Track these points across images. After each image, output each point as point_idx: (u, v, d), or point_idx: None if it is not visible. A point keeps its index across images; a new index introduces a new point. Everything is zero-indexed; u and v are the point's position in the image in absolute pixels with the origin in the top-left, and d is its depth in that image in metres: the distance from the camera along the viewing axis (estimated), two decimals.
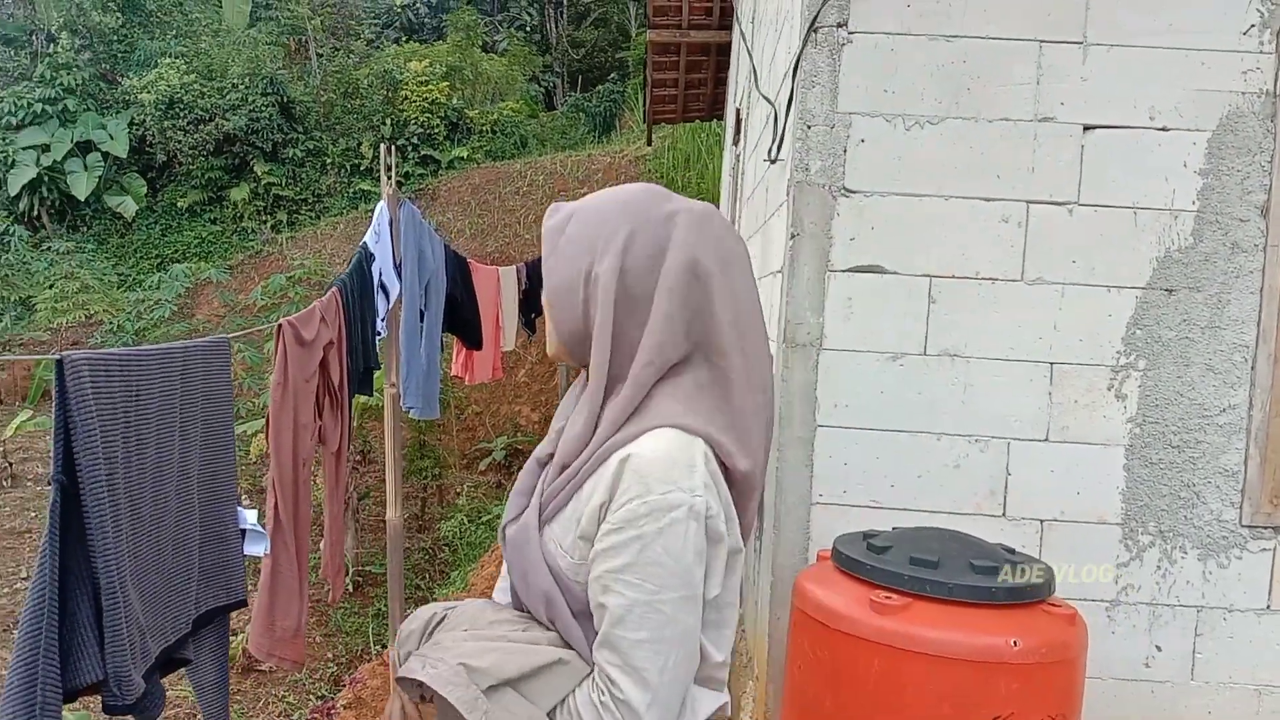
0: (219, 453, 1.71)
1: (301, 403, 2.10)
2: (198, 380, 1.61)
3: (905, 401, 2.93)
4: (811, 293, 2.92)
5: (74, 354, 1.32)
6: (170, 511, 1.51)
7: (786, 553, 2.98)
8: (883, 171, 2.91)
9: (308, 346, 2.15)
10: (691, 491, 1.21)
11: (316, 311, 2.28)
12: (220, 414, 1.71)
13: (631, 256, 1.28)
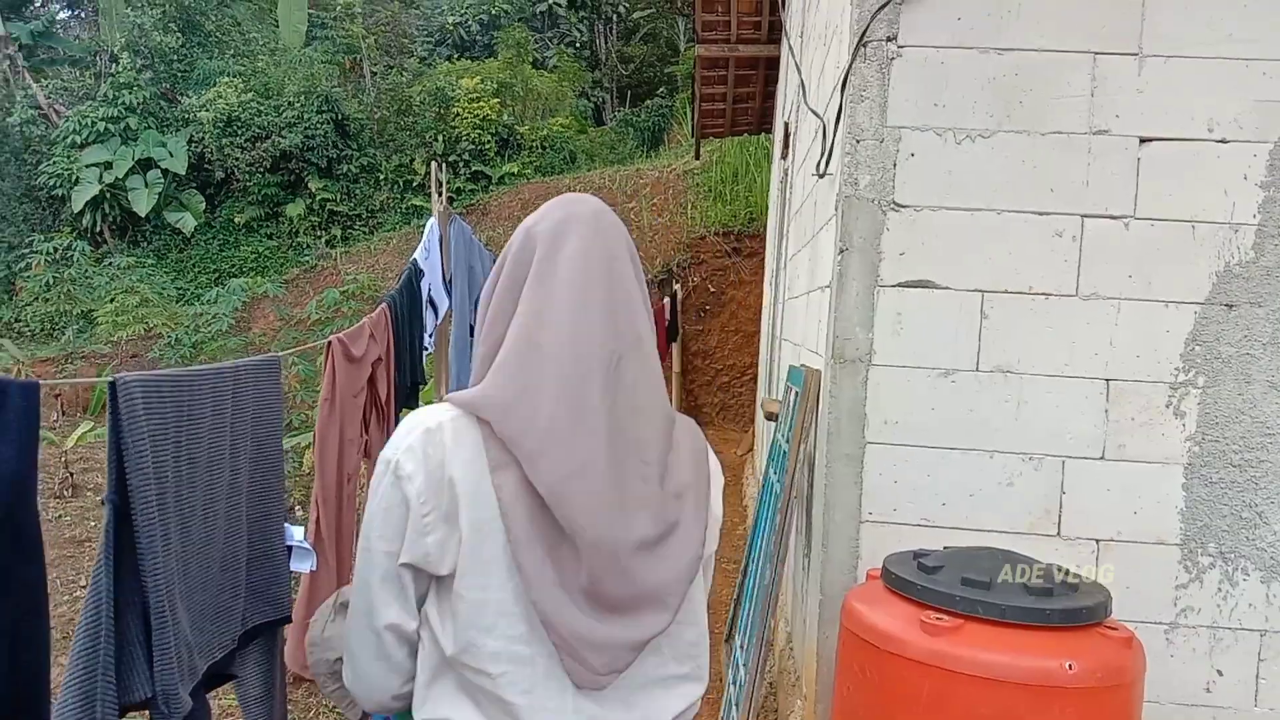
0: (268, 471, 1.73)
1: (348, 418, 2.12)
2: (248, 399, 1.63)
3: (957, 418, 2.89)
4: (860, 308, 2.89)
5: (127, 376, 1.34)
6: (219, 529, 1.53)
7: (835, 571, 2.95)
8: (933, 186, 2.88)
9: (357, 363, 2.18)
10: (395, 449, 1.25)
11: (366, 328, 2.30)
12: (270, 432, 1.73)
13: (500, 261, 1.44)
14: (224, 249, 17.16)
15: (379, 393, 2.40)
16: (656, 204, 14.20)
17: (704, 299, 12.72)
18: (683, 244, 13.14)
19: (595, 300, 1.28)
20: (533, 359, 1.25)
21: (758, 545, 3.86)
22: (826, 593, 2.95)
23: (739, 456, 10.45)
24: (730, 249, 12.83)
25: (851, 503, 2.93)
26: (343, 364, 2.09)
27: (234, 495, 1.58)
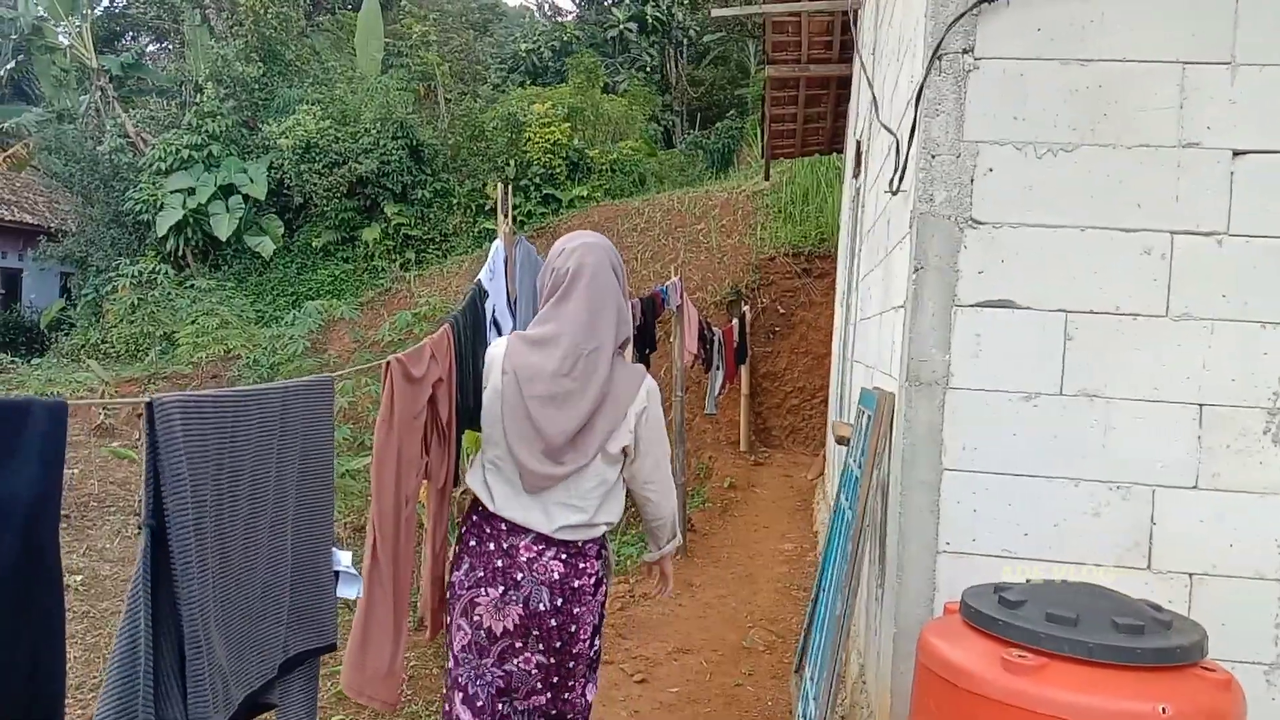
0: (317, 495, 1.69)
1: (407, 440, 2.09)
2: (298, 421, 1.60)
3: (1040, 444, 2.77)
4: (937, 329, 2.79)
5: (164, 398, 1.31)
6: (262, 555, 1.49)
7: (910, 603, 2.83)
8: (1013, 202, 2.77)
9: (417, 383, 2.14)
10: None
11: (427, 348, 2.27)
12: (320, 455, 1.69)
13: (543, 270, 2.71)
14: (301, 272, 17.53)
15: (440, 414, 2.37)
16: (725, 225, 14.14)
17: (773, 320, 12.59)
18: (752, 265, 13.04)
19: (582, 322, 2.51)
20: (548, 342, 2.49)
21: (828, 574, 3.75)
22: (901, 626, 2.84)
23: (809, 481, 10.28)
24: (800, 270, 12.70)
25: (928, 532, 2.82)
26: (401, 384, 2.06)
27: (279, 520, 1.55)
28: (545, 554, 2.46)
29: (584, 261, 2.54)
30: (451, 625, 2.52)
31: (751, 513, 9.05)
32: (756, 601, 6.29)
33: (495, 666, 2.45)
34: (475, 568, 2.45)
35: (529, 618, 2.44)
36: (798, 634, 5.70)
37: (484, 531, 2.48)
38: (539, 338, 2.47)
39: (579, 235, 2.68)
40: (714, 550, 7.65)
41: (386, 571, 2.02)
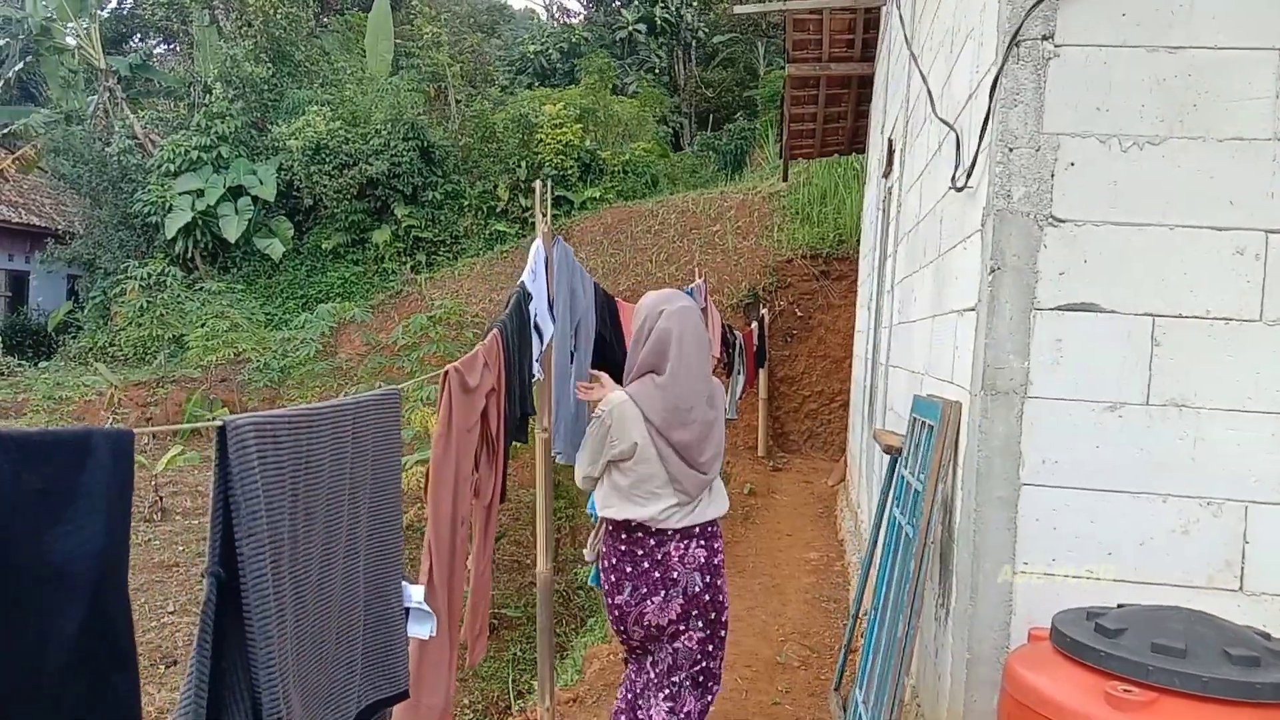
0: (388, 522, 1.50)
1: (463, 455, 1.92)
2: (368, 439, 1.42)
3: (1125, 458, 2.58)
4: (1015, 334, 2.60)
5: (239, 419, 1.10)
6: (335, 597, 1.30)
7: (985, 627, 2.65)
8: (1096, 198, 2.59)
9: (472, 393, 1.97)
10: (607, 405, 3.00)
11: (480, 356, 2.10)
12: (390, 476, 1.51)
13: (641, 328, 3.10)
14: (311, 275, 17.38)
15: (490, 426, 2.19)
16: (741, 227, 13.96)
17: (791, 323, 12.41)
18: (769, 267, 12.86)
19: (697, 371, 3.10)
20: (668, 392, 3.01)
21: (880, 593, 3.57)
22: (975, 652, 2.65)
23: (830, 487, 10.09)
24: (818, 272, 12.51)
25: (1004, 551, 2.63)
26: (459, 395, 1.88)
27: (351, 554, 1.36)
28: (690, 545, 3.02)
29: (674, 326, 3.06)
30: (627, 630, 3.11)
31: (773, 520, 8.86)
32: (786, 614, 6.11)
33: (667, 650, 3.11)
34: (639, 587, 2.99)
35: (689, 603, 3.03)
36: (832, 649, 5.52)
37: (636, 554, 3.00)
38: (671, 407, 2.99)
39: (668, 297, 3.21)
40: (739, 559, 7.46)
41: (442, 598, 1.85)
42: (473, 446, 2.01)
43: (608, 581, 3.08)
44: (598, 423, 3.00)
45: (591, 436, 3.02)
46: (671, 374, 3.00)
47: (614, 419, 2.95)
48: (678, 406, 2.98)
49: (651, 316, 3.08)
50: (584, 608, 8.00)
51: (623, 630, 3.14)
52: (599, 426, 2.99)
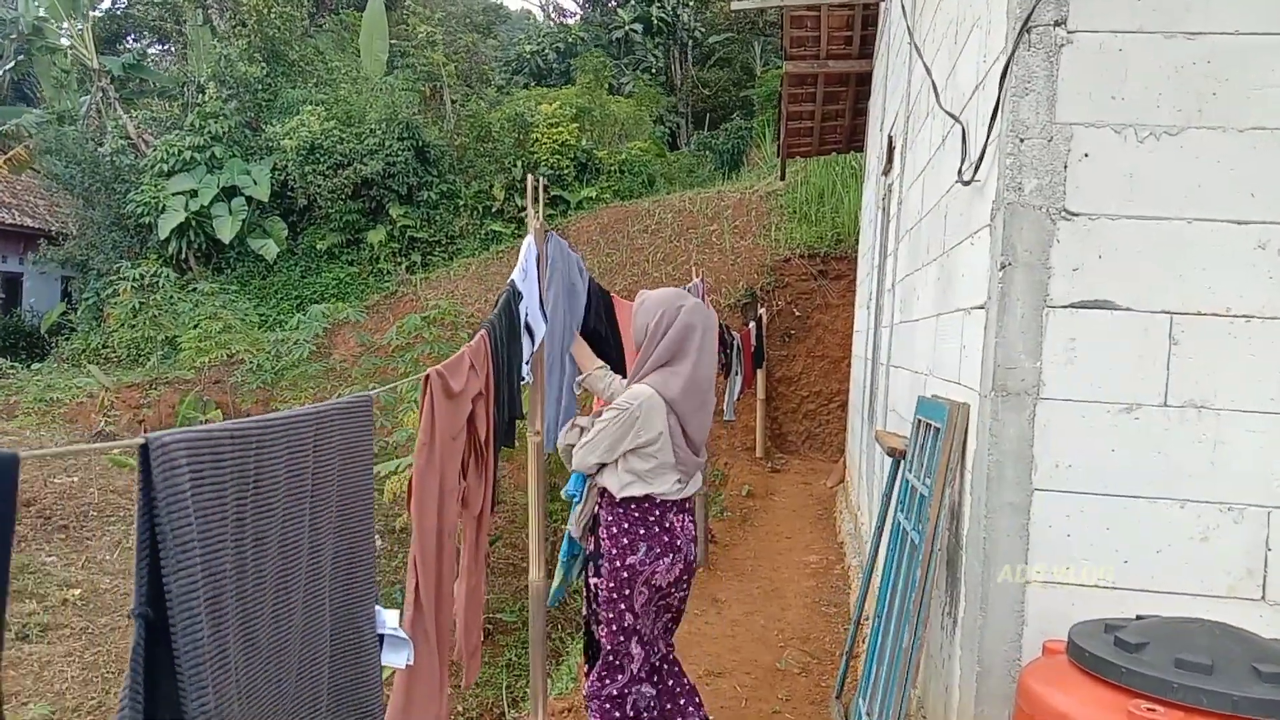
0: (357, 542, 1.37)
1: (448, 465, 1.80)
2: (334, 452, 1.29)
3: (1141, 462, 2.47)
4: (1027, 332, 2.49)
5: (165, 437, 0.96)
6: (295, 629, 1.17)
7: (996, 638, 2.54)
8: (1111, 191, 2.48)
9: (456, 399, 1.85)
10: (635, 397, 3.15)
11: (465, 358, 1.98)
12: (359, 493, 1.38)
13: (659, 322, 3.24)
14: (305, 275, 17.24)
15: (478, 432, 2.08)
16: (739, 226, 13.85)
17: (789, 323, 12.30)
18: (766, 267, 12.74)
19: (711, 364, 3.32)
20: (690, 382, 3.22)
21: (884, 601, 3.46)
22: (986, 664, 2.54)
23: (829, 489, 9.98)
24: (816, 271, 12.40)
25: (1016, 559, 2.52)
26: (442, 401, 1.77)
27: (315, 581, 1.23)
28: (685, 519, 3.32)
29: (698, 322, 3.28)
30: (633, 593, 3.24)
31: (772, 522, 8.75)
32: (786, 619, 6.00)
33: (664, 608, 3.39)
34: (652, 547, 3.21)
35: (686, 569, 3.33)
36: (833, 654, 5.40)
37: (649, 519, 3.22)
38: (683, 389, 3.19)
39: (681, 294, 3.39)
40: (737, 563, 7.35)
41: (430, 619, 1.72)
42: (459, 455, 1.90)
43: (616, 546, 3.20)
44: (623, 414, 3.12)
45: (613, 425, 3.13)
46: (694, 366, 3.21)
47: (643, 411, 3.11)
48: (696, 397, 3.22)
49: (670, 312, 3.23)
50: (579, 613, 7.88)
51: (625, 596, 3.24)
52: (625, 417, 3.12)
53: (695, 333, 3.23)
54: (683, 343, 3.21)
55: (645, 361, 3.24)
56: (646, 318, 3.27)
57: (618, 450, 3.14)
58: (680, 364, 3.20)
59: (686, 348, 3.21)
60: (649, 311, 3.27)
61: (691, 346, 3.22)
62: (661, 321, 3.23)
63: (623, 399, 3.18)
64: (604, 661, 3.34)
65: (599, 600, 3.32)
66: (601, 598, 3.29)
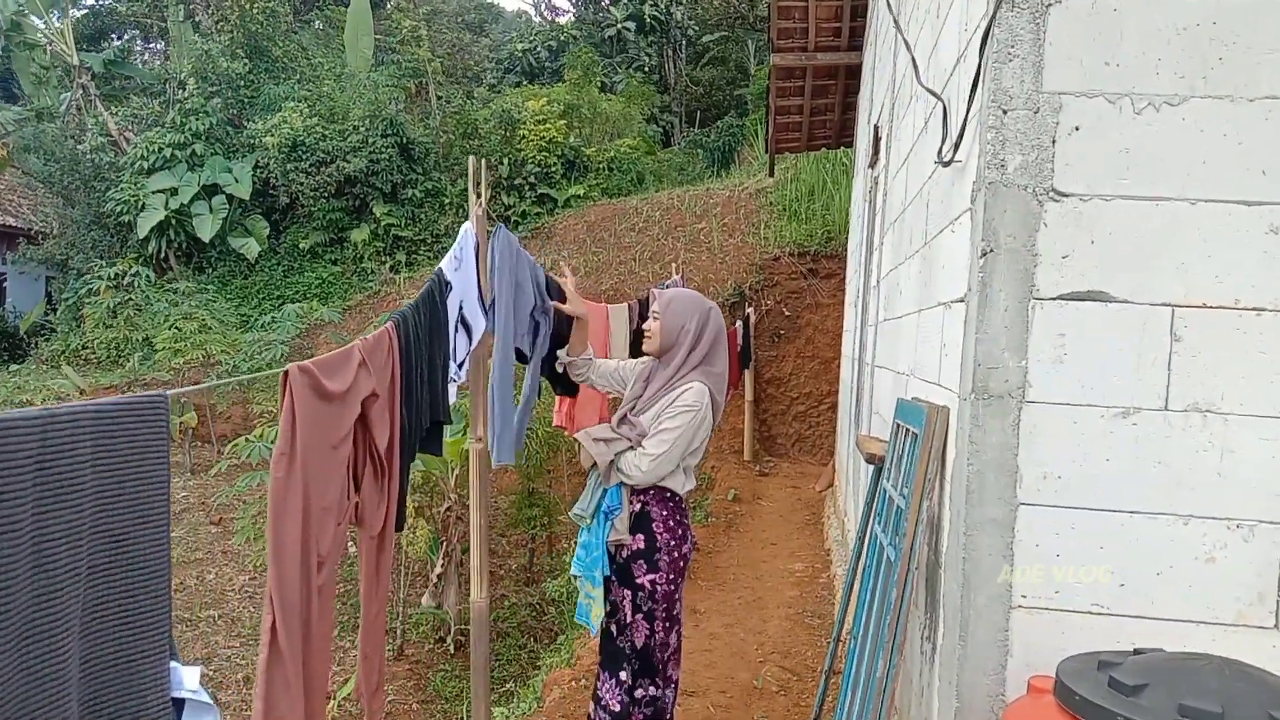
0: (141, 578, 1.10)
1: (318, 480, 1.52)
2: (113, 463, 1.02)
3: (1139, 472, 2.20)
4: (1011, 327, 2.22)
5: None
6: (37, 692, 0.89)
7: (976, 670, 2.26)
8: (1105, 168, 2.21)
9: (335, 401, 1.58)
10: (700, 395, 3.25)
11: (355, 354, 1.70)
12: (146, 515, 1.11)
13: (698, 324, 3.34)
14: (288, 275, 16.94)
15: (376, 440, 1.80)
16: (728, 224, 13.58)
17: (778, 323, 12.02)
18: (755, 265, 12.47)
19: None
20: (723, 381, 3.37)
21: (860, 620, 3.18)
22: (966, 700, 2.27)
23: (818, 493, 9.71)
24: (806, 270, 12.13)
25: (999, 581, 2.25)
26: (310, 403, 1.49)
27: (66, 626, 0.94)
28: None
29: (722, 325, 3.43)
30: (683, 581, 3.38)
31: (758, 528, 8.48)
32: (767, 632, 5.72)
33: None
34: (690, 535, 3.37)
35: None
36: (814, 670, 5.13)
37: (683, 509, 3.36)
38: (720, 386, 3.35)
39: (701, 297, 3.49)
40: (719, 571, 7.07)
41: (291, 664, 1.44)
42: (340, 466, 1.62)
43: (674, 537, 3.28)
44: (695, 414, 3.21)
45: (687, 429, 3.21)
46: (723, 366, 3.38)
47: (705, 410, 3.24)
48: (724, 396, 3.42)
49: (704, 314, 3.36)
50: (556, 625, 7.60)
51: (679, 585, 3.36)
52: (696, 419, 3.22)
53: (723, 334, 3.41)
54: (716, 343, 3.37)
55: (685, 361, 3.32)
56: (681, 319, 3.34)
57: (688, 452, 3.27)
58: (715, 364, 3.35)
59: (718, 348, 3.38)
60: (683, 313, 3.35)
61: (722, 347, 3.40)
62: (699, 321, 3.35)
63: (689, 399, 3.23)
64: (646, 665, 3.32)
65: (655, 598, 3.27)
66: (661, 594, 3.27)
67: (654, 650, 3.30)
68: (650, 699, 3.33)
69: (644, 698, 3.32)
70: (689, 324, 3.33)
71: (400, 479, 1.96)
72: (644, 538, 3.25)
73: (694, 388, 3.25)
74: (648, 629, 3.27)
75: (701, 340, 3.33)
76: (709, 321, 3.36)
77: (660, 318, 3.38)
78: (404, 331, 2.00)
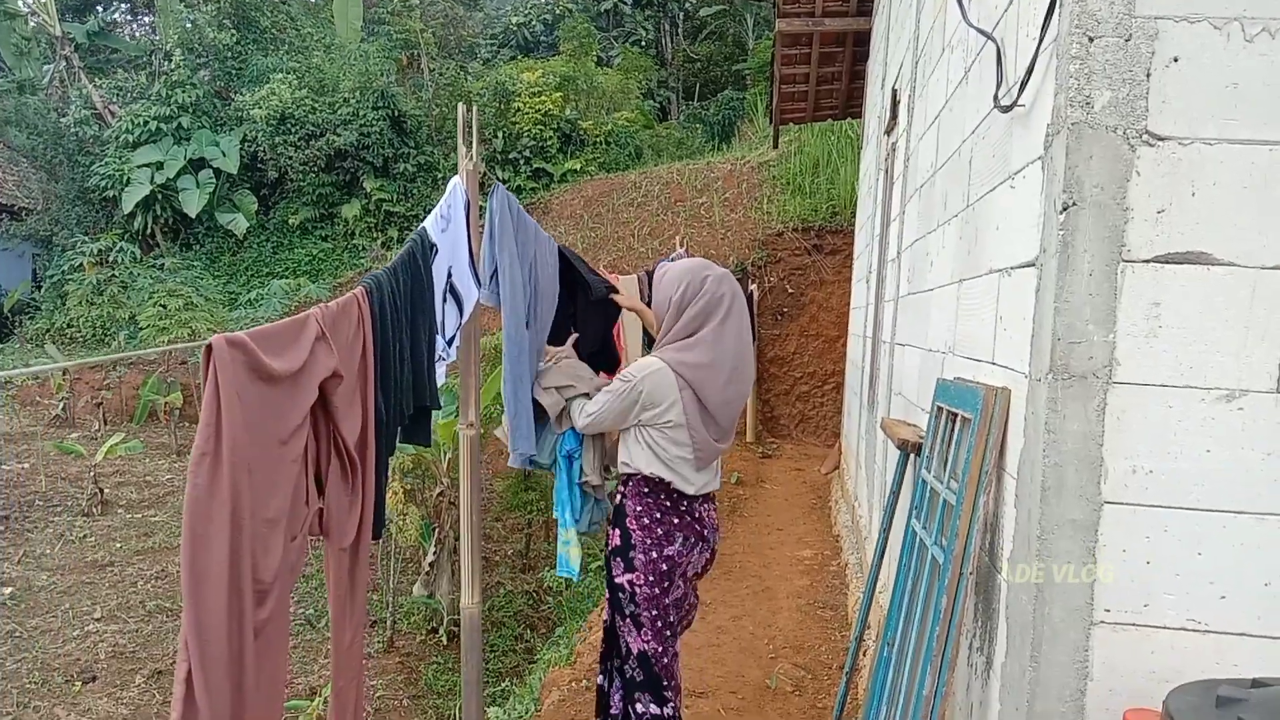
0: None
1: (260, 484, 1.19)
2: None
3: (1245, 466, 1.87)
4: (1096, 295, 1.88)
5: None
6: None
7: (1050, 696, 1.94)
8: (1209, 106, 1.86)
9: (281, 383, 1.24)
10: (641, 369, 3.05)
11: (310, 325, 1.37)
12: None
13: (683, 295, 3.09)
14: (277, 251, 16.55)
15: (342, 430, 1.46)
16: (729, 199, 13.20)
17: (781, 300, 11.68)
18: (758, 241, 12.11)
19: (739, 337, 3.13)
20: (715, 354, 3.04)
21: (894, 624, 2.86)
22: None
23: (823, 475, 9.39)
24: (810, 246, 11.77)
25: (1078, 593, 1.92)
26: (246, 387, 1.16)
27: None
28: (709, 507, 3.22)
29: (727, 291, 3.11)
30: (671, 586, 3.10)
31: (763, 513, 8.16)
32: (777, 624, 5.41)
33: (688, 594, 3.30)
34: (687, 538, 3.12)
35: (711, 557, 3.30)
36: (830, 667, 4.82)
37: (679, 509, 3.10)
38: (710, 362, 3.03)
39: (706, 264, 3.23)
40: (725, 559, 6.75)
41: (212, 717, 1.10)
42: (292, 465, 1.28)
43: (651, 536, 3.05)
44: (624, 385, 3.02)
45: (615, 399, 3.03)
46: (717, 337, 3.04)
47: (647, 385, 3.00)
48: (720, 371, 3.05)
49: (695, 283, 3.08)
50: (554, 615, 7.29)
51: (666, 590, 3.09)
52: (625, 389, 3.01)
53: (723, 303, 3.08)
54: (709, 314, 3.06)
55: (665, 335, 3.13)
56: (669, 290, 3.13)
57: (624, 422, 3.07)
58: (702, 336, 3.05)
59: (711, 320, 3.06)
60: (671, 284, 3.14)
61: (716, 318, 3.06)
62: (686, 293, 3.09)
63: (629, 369, 3.08)
64: (648, 676, 3.10)
65: (636, 601, 3.06)
66: (641, 596, 3.06)
67: (650, 660, 3.09)
68: (652, 717, 3.11)
69: (644, 714, 3.11)
70: (674, 295, 3.12)
71: (377, 477, 1.62)
72: (619, 533, 3.12)
73: (642, 360, 3.11)
74: (635, 633, 3.10)
75: (685, 312, 3.08)
76: (700, 291, 3.07)
77: (654, 292, 3.25)
78: (379, 300, 1.66)
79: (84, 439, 11.55)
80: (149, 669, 6.32)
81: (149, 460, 11.16)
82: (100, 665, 6.34)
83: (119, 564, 8.08)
